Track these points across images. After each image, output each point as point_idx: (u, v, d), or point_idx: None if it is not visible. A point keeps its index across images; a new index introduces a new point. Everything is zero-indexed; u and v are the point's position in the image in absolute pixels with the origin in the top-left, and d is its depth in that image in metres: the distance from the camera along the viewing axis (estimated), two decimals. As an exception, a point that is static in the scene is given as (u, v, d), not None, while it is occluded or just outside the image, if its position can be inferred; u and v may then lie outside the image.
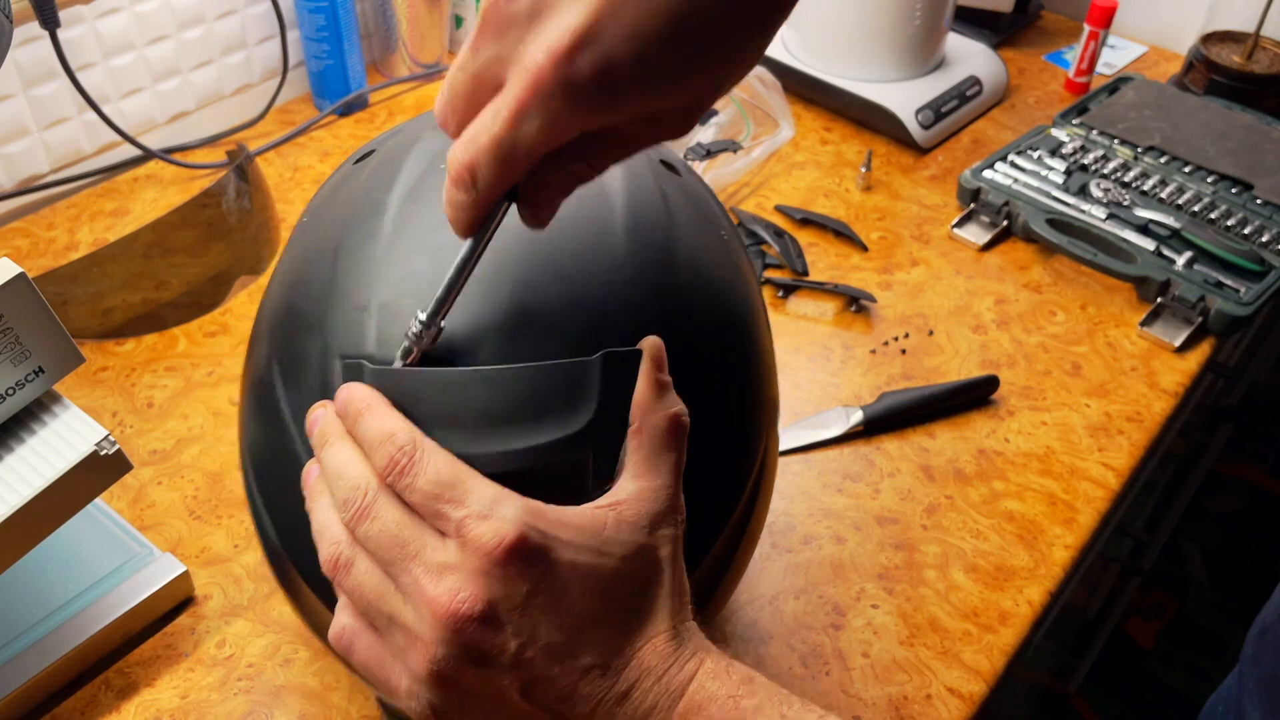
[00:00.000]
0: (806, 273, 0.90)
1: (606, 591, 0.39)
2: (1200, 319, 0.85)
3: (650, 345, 0.42)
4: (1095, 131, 1.03)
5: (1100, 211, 0.93)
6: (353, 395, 0.42)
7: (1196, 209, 0.94)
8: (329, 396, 0.43)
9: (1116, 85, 1.11)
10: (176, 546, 0.67)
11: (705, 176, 0.95)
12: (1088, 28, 1.11)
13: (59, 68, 0.87)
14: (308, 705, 0.59)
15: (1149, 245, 0.89)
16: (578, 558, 0.38)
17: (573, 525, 0.39)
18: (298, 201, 0.95)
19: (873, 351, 0.83)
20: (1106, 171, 0.98)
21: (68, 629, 0.59)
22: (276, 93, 1.04)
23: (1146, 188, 0.96)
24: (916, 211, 0.98)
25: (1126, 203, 0.94)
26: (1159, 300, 0.86)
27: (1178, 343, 0.84)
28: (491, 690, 0.39)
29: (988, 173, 0.98)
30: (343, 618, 0.42)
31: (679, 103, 0.37)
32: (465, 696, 0.39)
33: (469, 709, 0.39)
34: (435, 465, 0.39)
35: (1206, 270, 0.87)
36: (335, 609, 0.43)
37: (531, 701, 0.39)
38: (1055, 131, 1.04)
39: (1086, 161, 0.99)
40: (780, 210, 0.96)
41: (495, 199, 0.38)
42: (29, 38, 0.86)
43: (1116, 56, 1.25)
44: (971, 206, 0.96)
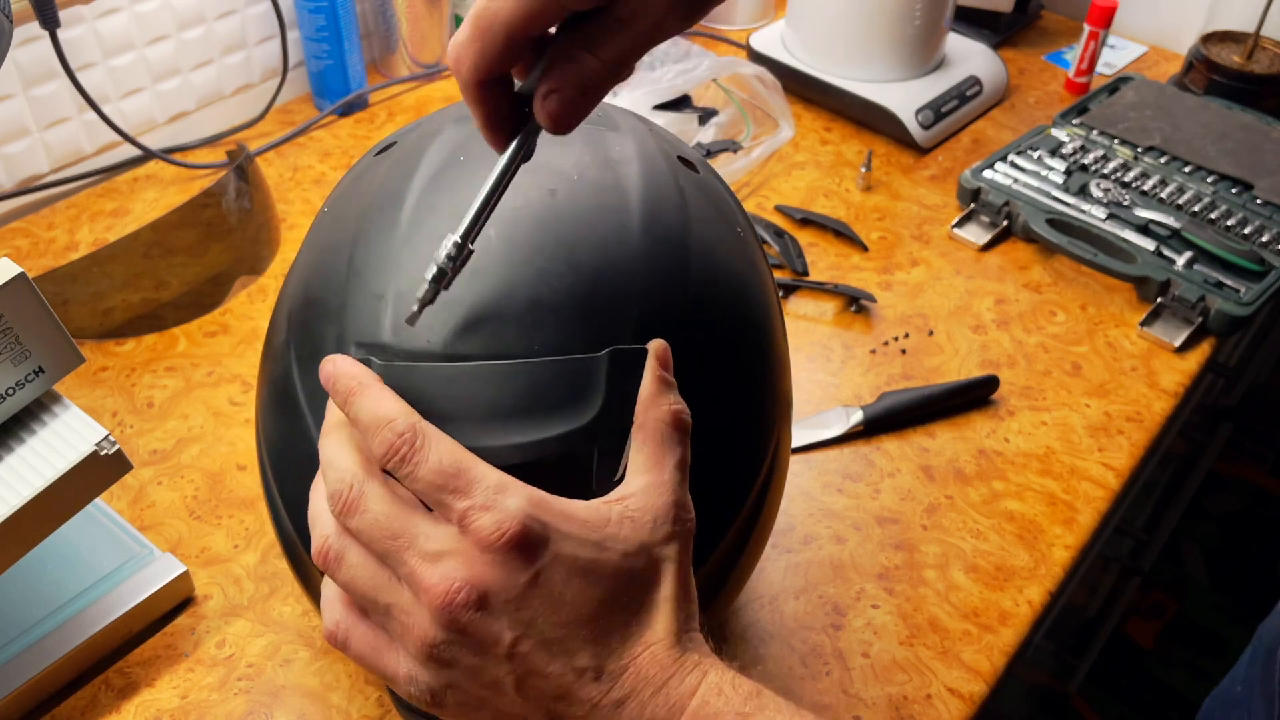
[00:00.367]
0: (806, 273, 0.90)
1: (605, 588, 0.39)
2: (1200, 319, 0.85)
3: (656, 345, 0.43)
4: (1095, 131, 1.03)
5: (1100, 211, 0.93)
6: (339, 371, 0.41)
7: (1196, 209, 0.94)
8: None
9: (1116, 85, 1.11)
10: (176, 546, 0.67)
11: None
12: (1088, 28, 1.11)
13: (59, 68, 0.87)
14: (308, 705, 0.59)
15: (1149, 245, 0.89)
16: (579, 552, 0.38)
17: (577, 519, 0.39)
18: (298, 201, 0.95)
19: (873, 351, 0.83)
20: (1106, 171, 0.98)
21: (68, 629, 0.59)
22: (276, 93, 1.04)
23: (1146, 188, 0.96)
24: (916, 211, 0.98)
25: (1126, 203, 0.94)
26: (1159, 300, 0.86)
27: (1178, 343, 0.84)
28: (488, 680, 0.39)
29: (988, 173, 0.98)
30: (333, 613, 0.42)
31: None
32: (463, 683, 0.39)
33: (467, 698, 0.39)
34: (438, 453, 0.39)
35: (1206, 270, 0.87)
36: (323, 605, 0.43)
37: (526, 697, 0.39)
38: (1055, 131, 1.04)
39: (1086, 161, 0.99)
40: (780, 210, 0.96)
41: (481, 79, 0.37)
42: (29, 38, 0.86)
43: (1116, 56, 1.25)
44: (971, 206, 0.96)
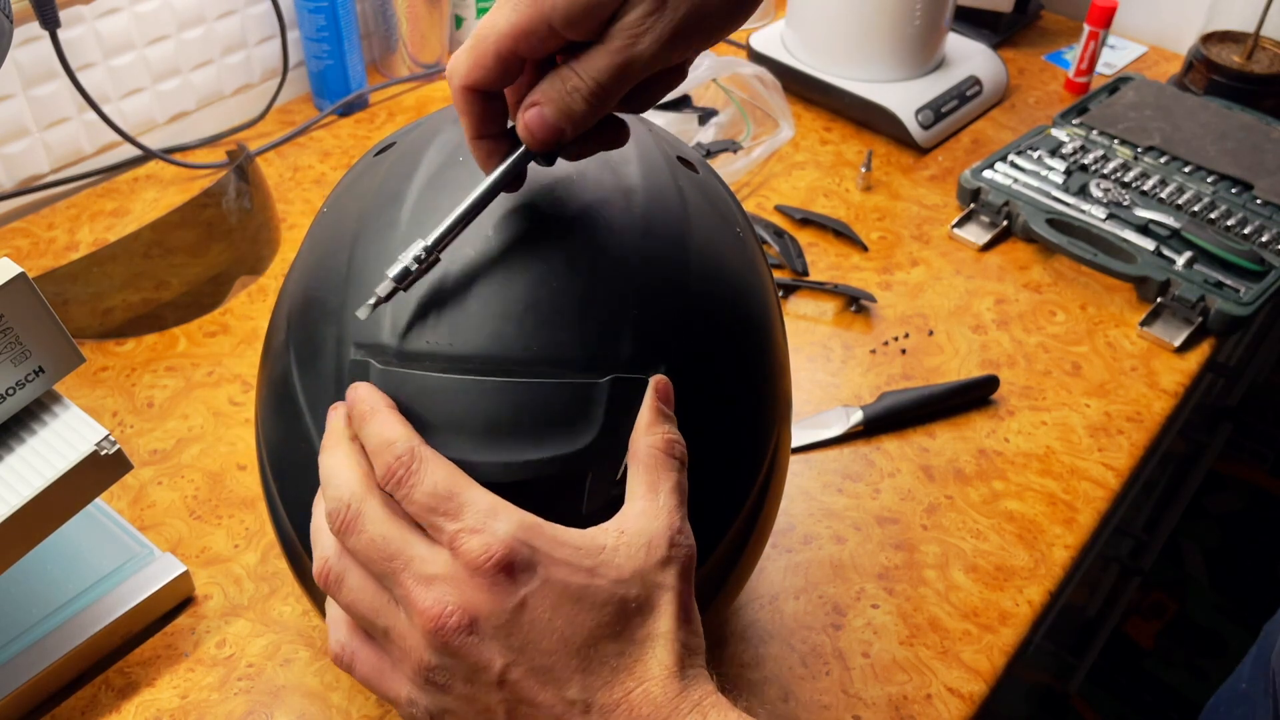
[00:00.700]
0: (806, 273, 0.90)
1: (596, 616, 0.38)
2: (1200, 319, 0.85)
3: (657, 379, 0.43)
4: (1095, 131, 1.03)
5: (1100, 211, 0.93)
6: (357, 397, 0.42)
7: (1196, 209, 0.94)
8: (344, 385, 0.44)
9: (1116, 85, 1.11)
10: (176, 546, 0.67)
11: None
12: (1088, 28, 1.11)
13: (59, 68, 0.87)
14: (308, 705, 0.59)
15: (1149, 245, 0.89)
16: (570, 578, 0.38)
17: (569, 544, 0.39)
18: (298, 201, 0.95)
19: (873, 351, 0.83)
20: (1106, 171, 0.98)
21: (68, 629, 0.59)
22: (276, 93, 1.04)
23: (1146, 188, 0.96)
24: (916, 211, 0.98)
25: (1126, 203, 0.94)
26: (1159, 300, 0.86)
27: (1178, 343, 0.84)
28: (480, 707, 0.39)
29: (988, 173, 0.98)
30: (339, 634, 0.42)
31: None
32: (457, 709, 0.39)
33: None
34: (433, 476, 0.39)
35: (1206, 270, 0.87)
36: (329, 624, 0.43)
37: None
38: (1055, 131, 1.04)
39: (1086, 161, 0.99)
40: (780, 210, 0.96)
41: (468, 84, 0.40)
42: (29, 38, 0.86)
43: (1116, 56, 1.25)
44: (971, 206, 0.96)
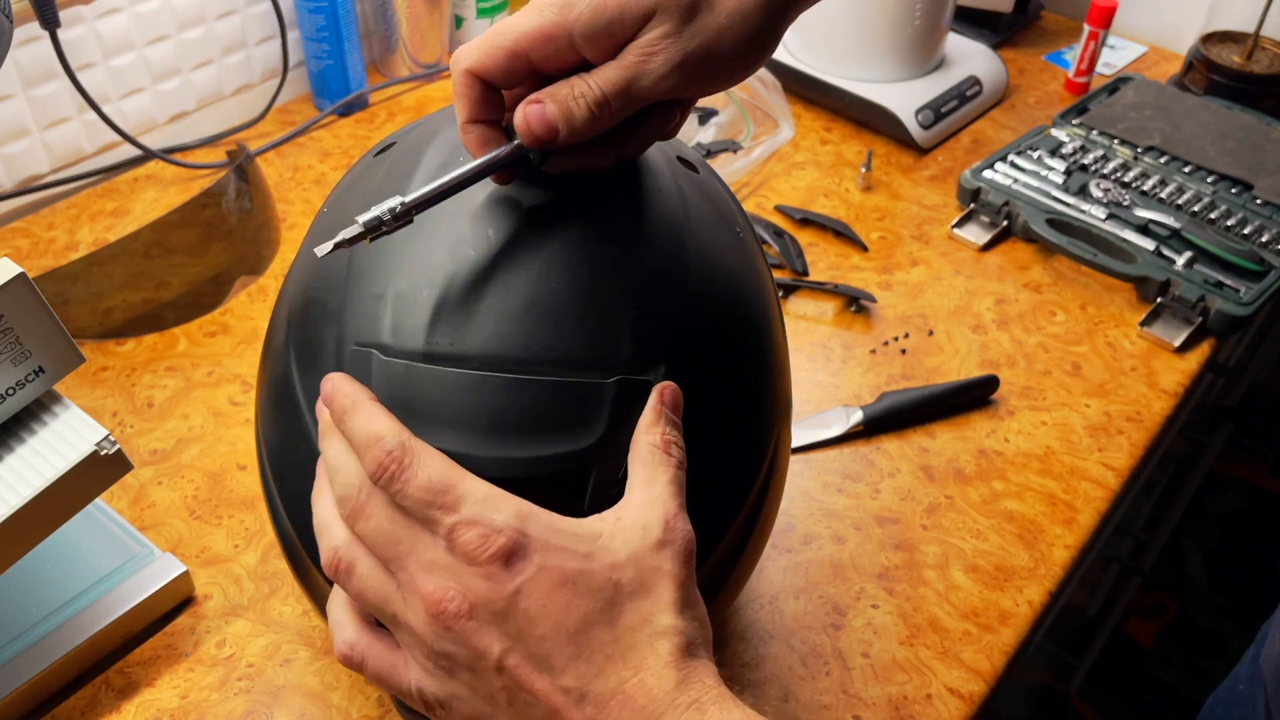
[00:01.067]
0: (806, 273, 0.90)
1: (590, 602, 0.38)
2: (1200, 319, 0.85)
3: (664, 385, 0.43)
4: (1095, 131, 1.03)
5: (1100, 211, 0.93)
6: (336, 390, 0.42)
7: (1196, 209, 0.94)
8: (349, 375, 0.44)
9: (1116, 85, 1.11)
10: (176, 546, 0.67)
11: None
12: (1088, 28, 1.11)
13: (59, 68, 0.87)
14: (308, 705, 0.59)
15: (1149, 245, 0.89)
16: (565, 563, 0.38)
17: (566, 531, 0.39)
18: (298, 201, 0.95)
19: (873, 351, 0.83)
20: (1106, 171, 0.98)
21: (68, 629, 0.59)
22: (276, 93, 1.04)
23: (1146, 188, 0.96)
24: (916, 211, 0.98)
25: (1126, 203, 0.94)
26: (1159, 300, 0.86)
27: (1178, 343, 0.84)
28: (484, 694, 0.39)
29: (988, 173, 0.98)
30: (346, 635, 0.42)
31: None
32: (464, 696, 0.39)
33: (470, 710, 0.39)
34: (426, 470, 0.39)
35: (1206, 270, 0.87)
36: (331, 627, 0.43)
37: (517, 714, 0.39)
38: (1055, 131, 1.04)
39: (1086, 161, 0.99)
40: (780, 210, 0.96)
41: (472, 68, 0.42)
42: (29, 38, 0.86)
43: (1116, 56, 1.25)
44: (971, 206, 0.96)
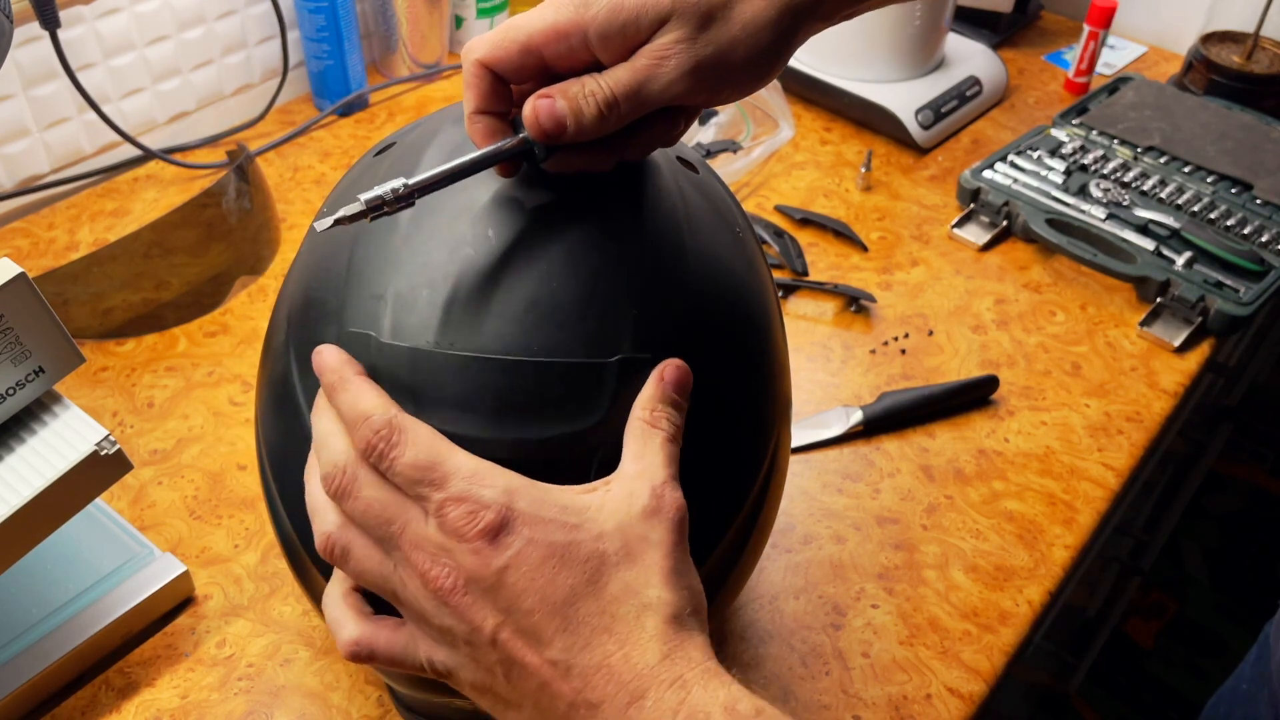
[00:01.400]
0: (806, 273, 0.90)
1: (576, 573, 0.38)
2: (1200, 319, 0.85)
3: (666, 364, 0.43)
4: (1095, 131, 1.04)
5: (1100, 211, 0.93)
6: (324, 365, 0.43)
7: (1196, 209, 0.94)
8: None
9: (1116, 85, 1.11)
10: (176, 546, 0.67)
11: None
12: (1087, 28, 1.11)
13: (59, 68, 0.87)
14: (308, 705, 0.59)
15: (1149, 245, 0.89)
16: (553, 535, 0.38)
17: (554, 503, 0.39)
18: (298, 201, 0.95)
19: (873, 351, 0.83)
20: (1106, 171, 0.98)
21: (68, 629, 0.59)
22: (277, 93, 1.04)
23: (1146, 188, 0.96)
24: (916, 211, 0.98)
25: (1126, 203, 0.94)
26: (1159, 300, 0.86)
27: (1177, 343, 0.84)
28: (484, 665, 0.39)
29: (987, 173, 0.98)
30: (346, 632, 0.42)
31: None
32: (469, 665, 0.40)
33: (475, 680, 0.40)
34: (414, 448, 0.39)
35: (1206, 270, 0.87)
36: (331, 626, 0.43)
37: (514, 687, 0.39)
38: (1055, 131, 1.04)
39: (1086, 161, 0.99)
40: (780, 210, 0.96)
41: (484, 59, 0.42)
42: (29, 38, 0.86)
43: (1116, 56, 1.25)
44: (971, 206, 0.96)
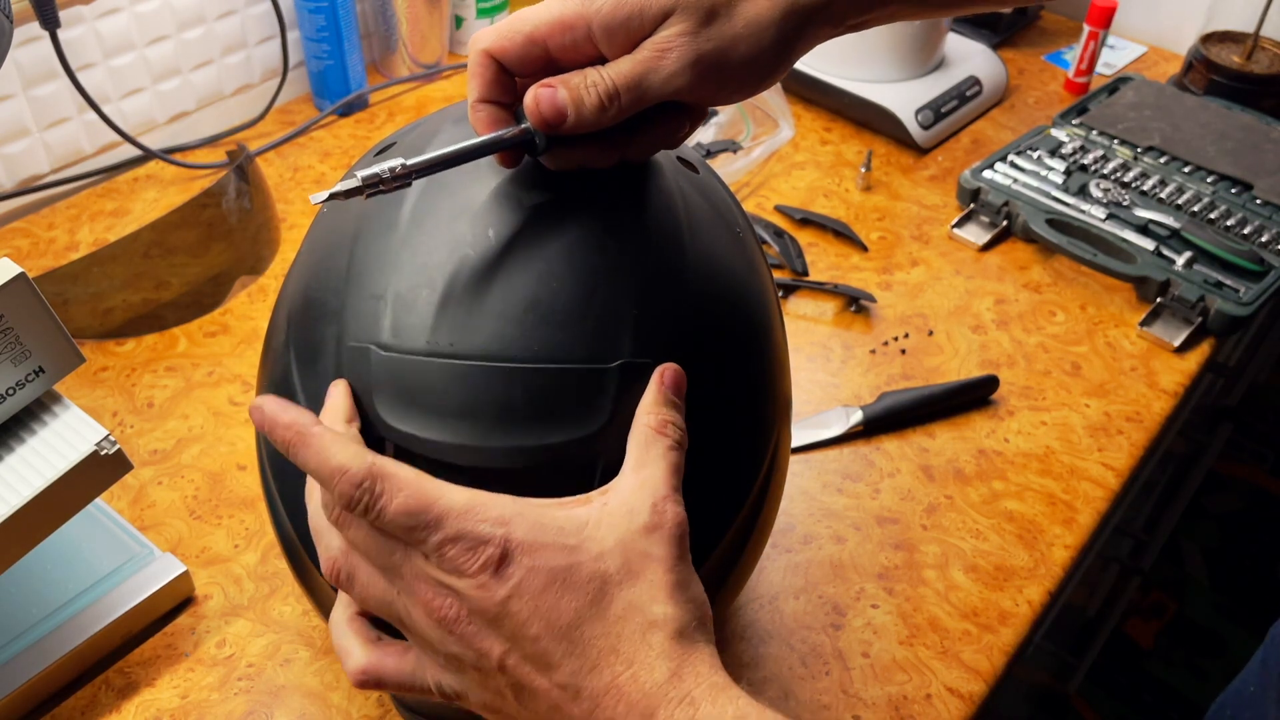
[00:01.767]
0: (806, 273, 0.90)
1: (579, 596, 0.38)
2: (1200, 319, 0.85)
3: (664, 367, 0.43)
4: (1095, 132, 1.04)
5: (1100, 211, 0.93)
6: (272, 421, 0.41)
7: (1196, 209, 0.94)
8: (348, 372, 0.44)
9: (1116, 85, 1.11)
10: (176, 546, 0.67)
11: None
12: (1087, 28, 1.11)
13: (59, 68, 0.87)
14: (308, 705, 0.59)
15: (1149, 245, 0.89)
16: (553, 561, 0.38)
17: (551, 526, 0.39)
18: (298, 201, 0.95)
19: (872, 351, 0.83)
20: (1106, 171, 0.98)
21: (68, 629, 0.59)
22: (276, 93, 1.04)
23: (1146, 188, 0.96)
24: (916, 211, 0.98)
25: (1126, 203, 0.94)
26: (1159, 300, 0.86)
27: (1177, 343, 0.84)
28: (493, 688, 0.39)
29: (987, 173, 0.98)
30: (354, 660, 0.42)
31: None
32: (477, 687, 0.40)
33: (485, 701, 0.40)
34: (400, 494, 0.38)
35: (1206, 270, 0.87)
36: (340, 656, 0.43)
37: (526, 709, 0.39)
38: (1055, 132, 1.04)
39: (1086, 161, 0.99)
40: (780, 210, 0.96)
41: (489, 49, 0.42)
42: (29, 38, 0.86)
43: (1116, 57, 1.25)
44: (971, 206, 0.96)
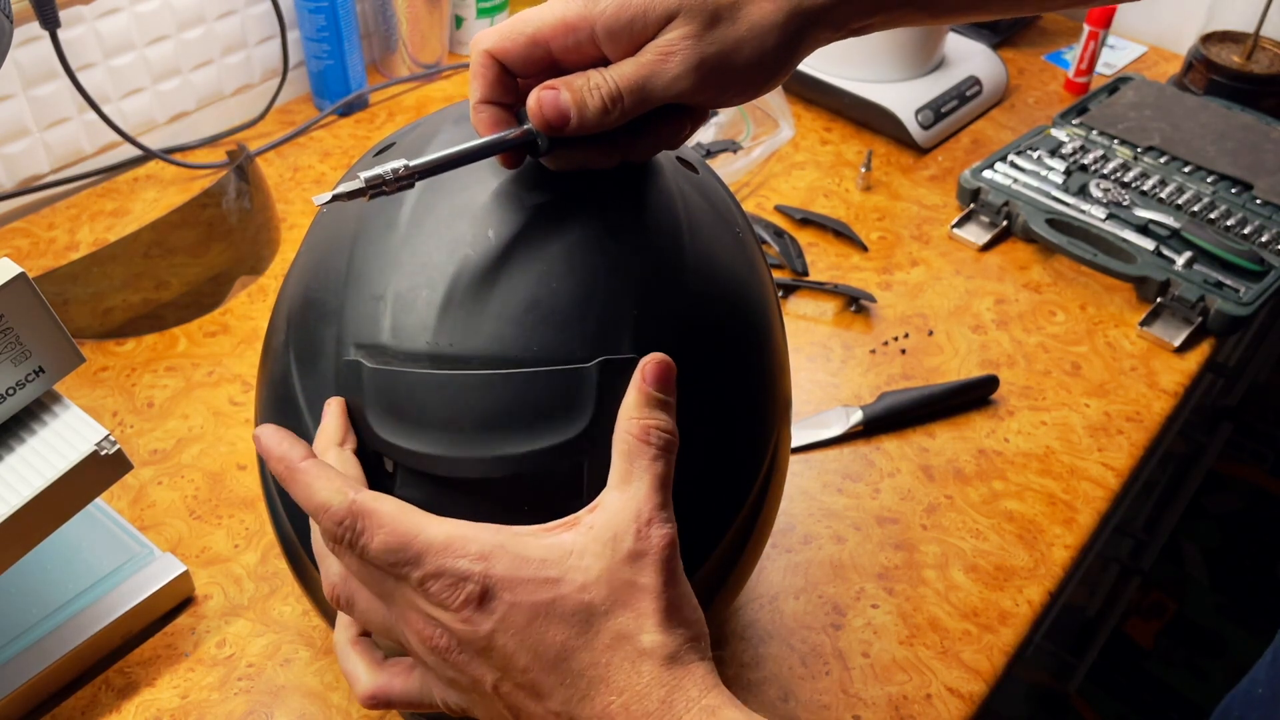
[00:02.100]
0: (806, 273, 0.90)
1: (565, 629, 0.38)
2: (1200, 319, 0.85)
3: (646, 358, 0.42)
4: (1095, 132, 1.04)
5: (1100, 211, 0.93)
6: (267, 451, 0.43)
7: (1196, 209, 0.94)
8: (343, 385, 0.44)
9: (1116, 85, 1.11)
10: (176, 546, 0.67)
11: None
12: (1087, 28, 1.11)
13: (59, 68, 0.87)
14: (308, 705, 0.59)
15: (1149, 245, 0.89)
16: (535, 595, 0.38)
17: (533, 559, 0.38)
18: (298, 201, 0.95)
19: (873, 351, 0.83)
20: (1106, 171, 0.98)
21: (68, 629, 0.59)
22: (277, 93, 1.04)
23: (1146, 188, 0.96)
24: (916, 211, 0.98)
25: (1126, 203, 0.94)
26: (1159, 300, 0.86)
27: (1177, 343, 0.84)
28: (493, 712, 0.40)
29: (987, 173, 0.98)
30: (362, 685, 0.43)
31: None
32: (480, 706, 0.41)
33: (490, 717, 0.41)
34: (381, 530, 0.39)
35: (1206, 270, 0.87)
36: (348, 679, 0.44)
37: None
38: (1055, 131, 1.04)
39: (1086, 161, 0.99)
40: (780, 210, 0.96)
41: (491, 49, 0.42)
42: (29, 38, 0.86)
43: (1116, 56, 1.25)
44: (971, 206, 0.96)
